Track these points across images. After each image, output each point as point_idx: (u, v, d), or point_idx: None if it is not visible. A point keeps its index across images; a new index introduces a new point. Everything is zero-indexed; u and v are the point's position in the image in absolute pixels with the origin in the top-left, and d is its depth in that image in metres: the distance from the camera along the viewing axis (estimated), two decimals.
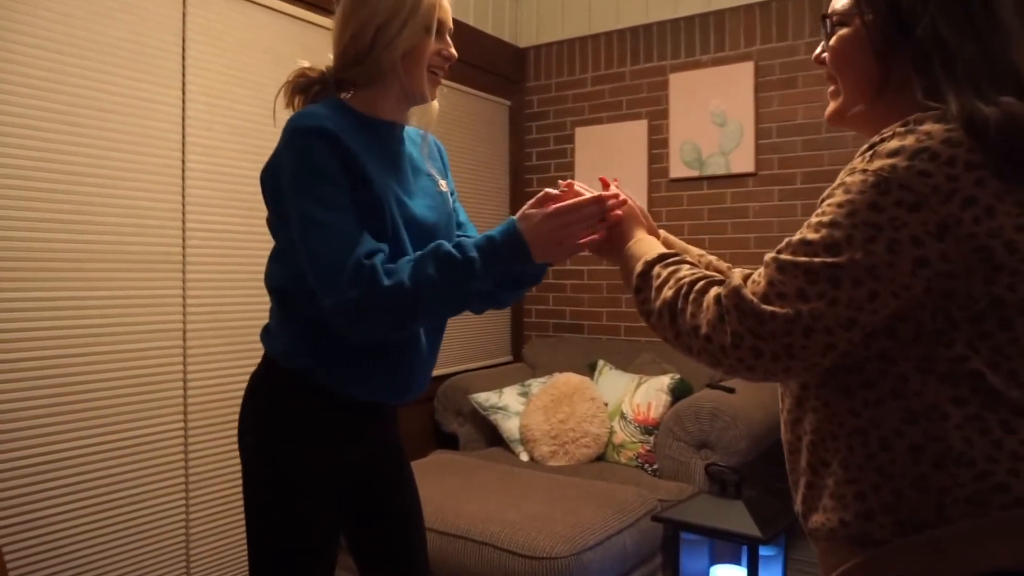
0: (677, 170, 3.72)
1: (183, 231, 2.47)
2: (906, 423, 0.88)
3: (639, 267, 1.09)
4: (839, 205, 0.87)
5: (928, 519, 0.88)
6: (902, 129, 0.87)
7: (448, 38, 1.43)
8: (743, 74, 3.53)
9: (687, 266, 1.06)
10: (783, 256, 0.90)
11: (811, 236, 0.88)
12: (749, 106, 3.51)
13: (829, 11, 1.03)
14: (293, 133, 1.31)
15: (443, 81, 1.48)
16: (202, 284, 2.53)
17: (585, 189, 1.38)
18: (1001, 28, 0.90)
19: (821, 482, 0.97)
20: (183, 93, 2.47)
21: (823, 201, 0.91)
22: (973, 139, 0.83)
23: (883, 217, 0.84)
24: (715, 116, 3.60)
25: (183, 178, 2.47)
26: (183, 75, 2.46)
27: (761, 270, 0.92)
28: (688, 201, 3.71)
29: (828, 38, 1.02)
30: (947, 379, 0.87)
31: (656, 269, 1.06)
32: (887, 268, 0.84)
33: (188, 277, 2.48)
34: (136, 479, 2.33)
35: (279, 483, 1.40)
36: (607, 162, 3.93)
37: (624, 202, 1.31)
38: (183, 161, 2.47)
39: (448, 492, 2.68)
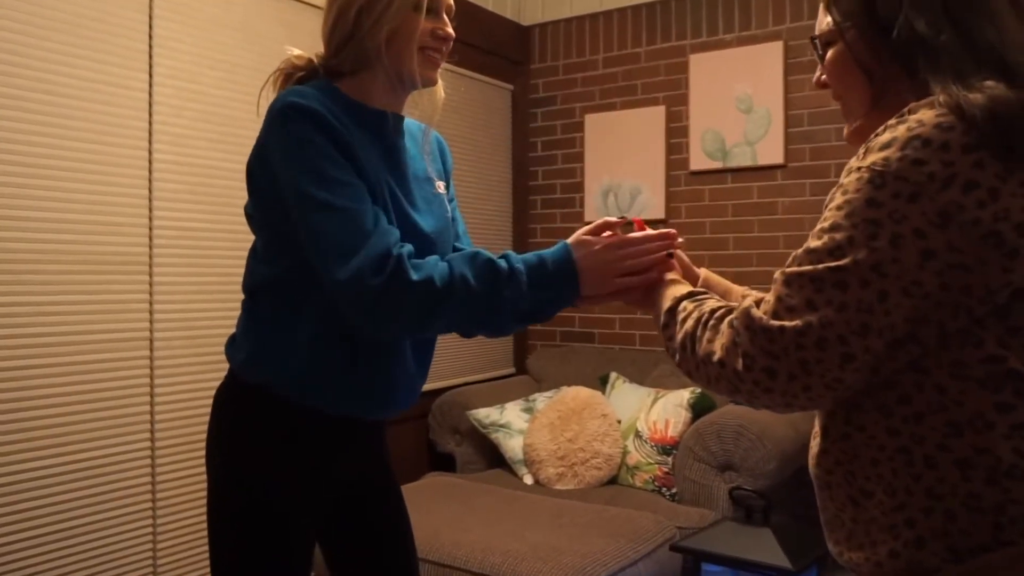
0: (698, 162, 3.72)
1: (150, 229, 2.47)
2: (950, 436, 0.90)
3: (668, 303, 1.17)
4: (838, 208, 0.92)
5: (984, 541, 0.88)
6: (894, 121, 0.92)
7: (445, 16, 1.44)
8: (771, 55, 3.54)
9: (715, 300, 1.11)
10: (789, 269, 0.94)
11: (814, 244, 0.93)
12: (778, 91, 3.52)
13: (816, 33, 1.10)
14: (279, 111, 1.33)
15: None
16: (171, 288, 2.53)
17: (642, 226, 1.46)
18: (975, 10, 0.95)
19: (866, 515, 0.97)
20: (150, 76, 2.47)
21: (826, 206, 0.95)
22: (965, 124, 0.87)
23: (882, 212, 0.88)
24: (740, 102, 3.60)
25: (150, 170, 2.47)
26: (150, 56, 2.47)
27: (772, 288, 0.97)
28: (710, 196, 3.71)
29: (822, 60, 1.10)
30: (986, 384, 0.88)
31: (683, 304, 1.13)
32: (893, 264, 0.87)
33: (155, 280, 2.49)
34: (97, 505, 2.33)
35: (247, 505, 1.41)
36: (620, 153, 3.93)
37: (679, 245, 1.40)
38: (150, 151, 2.47)
39: (444, 519, 2.68)
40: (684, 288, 1.23)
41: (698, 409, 3.16)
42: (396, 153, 1.46)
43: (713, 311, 1.04)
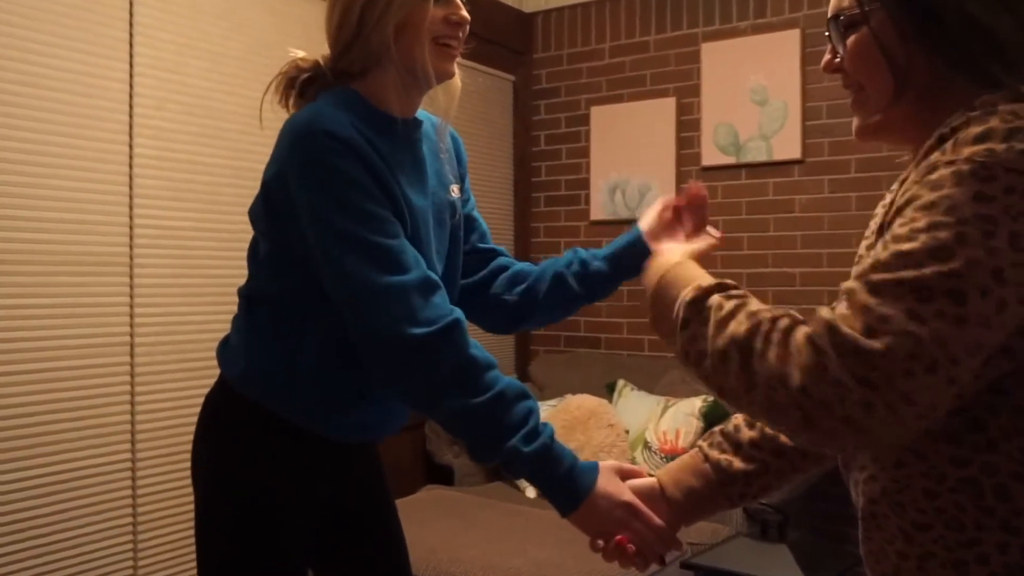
0: (710, 156, 3.72)
1: (130, 228, 2.47)
2: None
3: (688, 293, 0.98)
4: (931, 205, 0.82)
5: None
6: (976, 113, 0.86)
7: (458, 0, 1.41)
8: (788, 44, 3.53)
9: (757, 301, 0.95)
10: (875, 276, 0.82)
11: (906, 247, 0.81)
12: (795, 82, 3.51)
13: (834, 11, 1.03)
14: (311, 137, 1.29)
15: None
16: (152, 291, 2.53)
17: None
18: None
19: (919, 549, 0.94)
20: (130, 66, 2.47)
21: (898, 210, 0.87)
22: None
23: (995, 208, 0.80)
24: (755, 93, 3.60)
25: (130, 166, 2.47)
26: (130, 45, 2.47)
27: (842, 302, 0.85)
28: (723, 193, 3.70)
29: (842, 41, 1.03)
30: None
31: (715, 299, 0.95)
32: (1014, 269, 0.79)
33: (136, 282, 2.48)
34: (75, 519, 2.32)
35: (236, 520, 1.41)
36: (628, 147, 3.93)
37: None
38: (130, 146, 2.47)
39: (442, 535, 2.68)
40: (704, 275, 1.04)
41: (710, 418, 3.15)
42: (420, 165, 1.45)
43: (774, 320, 0.88)
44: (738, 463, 1.27)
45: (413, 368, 1.27)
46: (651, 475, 1.38)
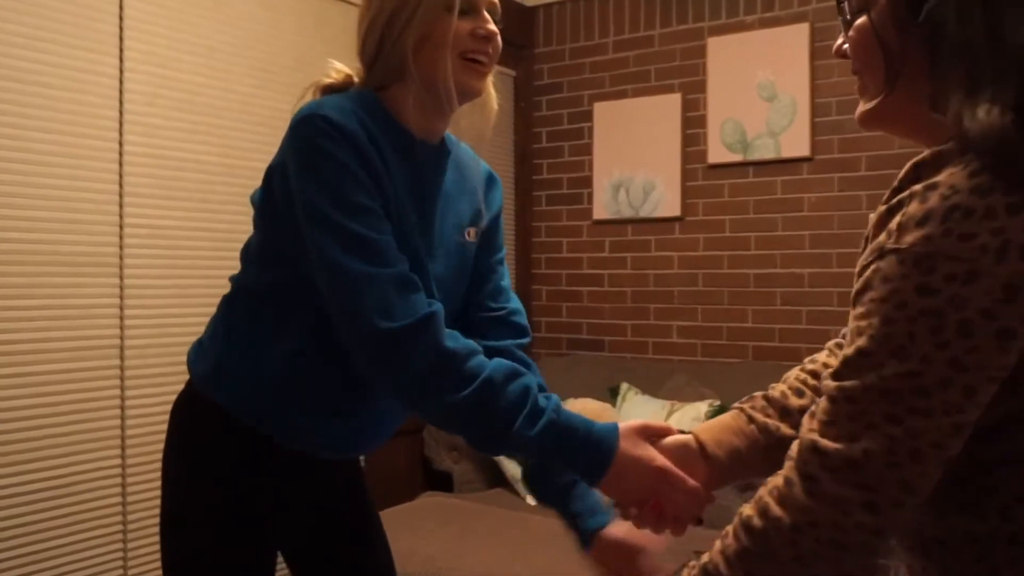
0: (717, 154, 3.71)
1: (120, 227, 2.46)
2: None
3: None
4: (883, 299, 0.87)
5: None
6: (919, 187, 0.87)
7: (485, 12, 1.37)
8: (796, 38, 3.52)
9: (722, 535, 1.03)
10: (847, 383, 0.89)
11: (866, 345, 0.88)
12: (804, 77, 3.50)
13: None
14: (308, 120, 1.28)
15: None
16: (143, 292, 2.52)
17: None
18: (1019, 4, 0.90)
19: (939, 563, 0.95)
20: (120, 61, 2.46)
21: (860, 293, 0.91)
22: (980, 159, 0.83)
23: (939, 300, 0.83)
24: (762, 89, 3.59)
25: (120, 163, 2.46)
26: (120, 39, 2.46)
27: (823, 404, 0.92)
28: (730, 191, 3.69)
29: (847, 27, 1.04)
30: None
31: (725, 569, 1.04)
32: (971, 355, 0.83)
33: (126, 283, 2.48)
34: (64, 527, 2.32)
35: (201, 528, 1.40)
36: (632, 144, 3.92)
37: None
38: (120, 143, 2.46)
39: (440, 543, 2.67)
40: None
41: None
42: (432, 188, 1.43)
43: (750, 515, 0.99)
44: (786, 429, 1.26)
45: (389, 363, 1.24)
46: (683, 432, 1.34)
